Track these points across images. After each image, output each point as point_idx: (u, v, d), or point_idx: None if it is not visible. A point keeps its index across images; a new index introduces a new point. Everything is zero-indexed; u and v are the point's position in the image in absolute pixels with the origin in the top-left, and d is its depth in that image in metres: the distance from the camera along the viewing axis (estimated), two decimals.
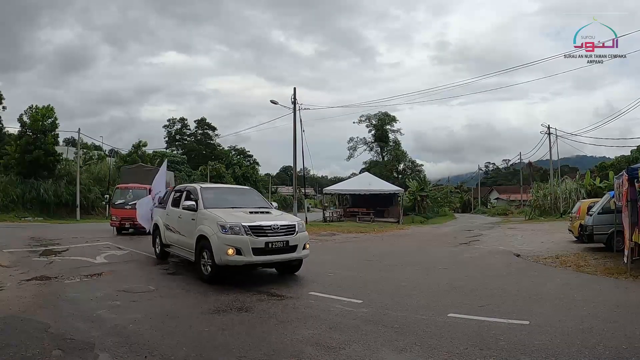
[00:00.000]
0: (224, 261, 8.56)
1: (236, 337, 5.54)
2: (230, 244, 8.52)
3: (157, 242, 12.28)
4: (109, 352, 4.88)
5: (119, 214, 21.60)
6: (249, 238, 8.59)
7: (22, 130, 38.88)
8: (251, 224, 8.78)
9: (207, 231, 8.92)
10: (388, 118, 72.25)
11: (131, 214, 19.61)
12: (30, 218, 33.74)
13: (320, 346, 5.16)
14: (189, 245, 9.75)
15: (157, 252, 12.34)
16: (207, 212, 9.42)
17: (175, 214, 10.92)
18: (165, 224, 11.49)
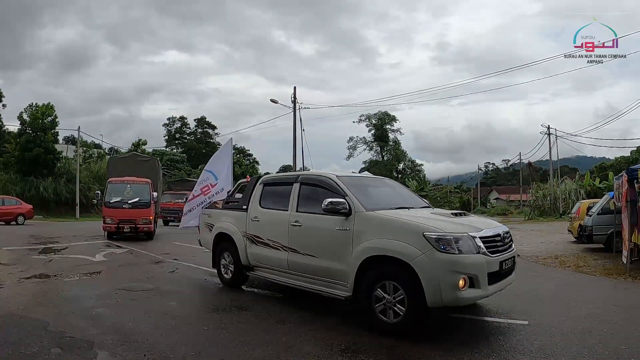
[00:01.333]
0: (448, 300, 5.18)
1: (235, 336, 5.53)
2: (461, 271, 5.12)
3: (225, 261, 8.54)
4: (108, 350, 4.88)
5: (116, 215, 17.44)
6: (485, 258, 5.34)
7: (22, 128, 38.94)
8: (481, 235, 5.53)
9: (401, 250, 5.37)
10: (388, 118, 72.29)
11: (131, 215, 17.44)
12: None
13: (322, 345, 5.16)
14: (331, 272, 6.26)
15: (225, 277, 8.54)
16: (380, 217, 5.91)
17: (278, 219, 7.21)
18: (251, 234, 7.80)
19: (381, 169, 64.48)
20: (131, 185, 18.61)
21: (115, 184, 18.62)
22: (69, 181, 39.67)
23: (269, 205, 7.69)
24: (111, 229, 17.47)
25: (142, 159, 25.76)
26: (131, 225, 17.46)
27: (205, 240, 9.21)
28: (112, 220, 17.37)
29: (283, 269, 7.13)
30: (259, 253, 7.64)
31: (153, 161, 25.19)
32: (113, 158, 26.53)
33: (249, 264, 7.95)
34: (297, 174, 7.77)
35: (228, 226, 8.40)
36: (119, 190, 18.26)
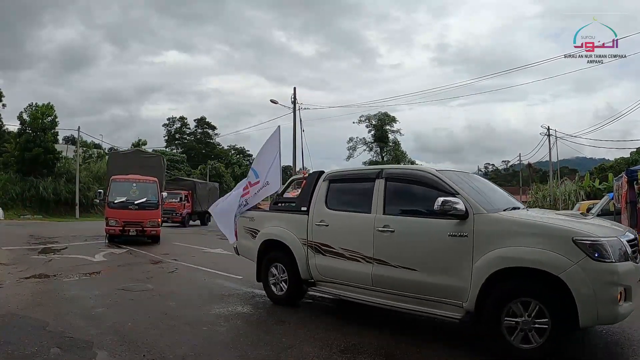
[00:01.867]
0: (604, 318, 4.38)
1: (235, 336, 5.53)
2: (618, 282, 4.29)
3: (275, 273, 7.15)
4: (107, 351, 4.88)
5: (120, 217, 15.92)
6: (635, 265, 4.56)
7: (21, 128, 38.92)
8: (626, 238, 4.70)
9: (545, 259, 4.42)
10: (388, 118, 72.24)
11: (138, 217, 16.02)
12: (29, 216, 33.78)
13: (322, 346, 5.16)
14: (439, 289, 5.17)
15: (275, 292, 7.17)
16: (509, 219, 5.00)
17: (357, 224, 5.98)
18: (315, 242, 6.41)
19: None
20: (137, 184, 16.93)
21: (120, 183, 16.78)
22: (69, 181, 39.65)
23: (339, 207, 6.41)
24: (115, 231, 15.93)
25: (147, 155, 22.72)
26: (137, 228, 15.97)
27: (246, 248, 7.80)
28: (116, 222, 15.83)
29: (364, 284, 5.84)
30: (328, 265, 6.27)
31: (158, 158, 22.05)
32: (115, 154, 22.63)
33: (310, 278, 6.58)
34: (379, 168, 6.39)
35: (280, 232, 7.01)
36: (123, 190, 16.59)
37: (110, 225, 16.04)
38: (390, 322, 6.27)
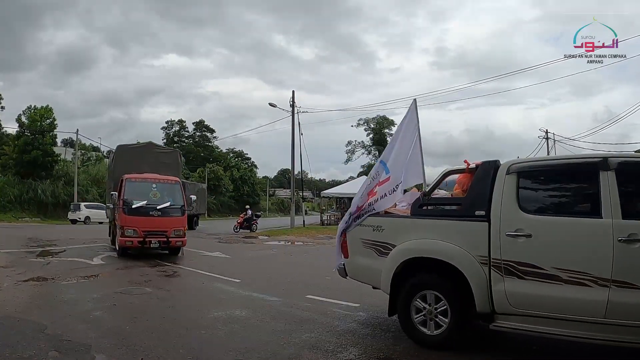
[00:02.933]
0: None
1: (234, 339, 5.52)
2: None
3: (423, 305, 5.20)
4: (106, 354, 4.87)
5: (140, 225, 12.85)
6: None
7: (20, 130, 38.88)
8: None
9: None
10: (386, 122, 72.34)
11: (162, 225, 13.13)
12: (27, 218, 33.75)
13: (318, 349, 5.15)
14: None
15: (425, 331, 5.19)
16: None
17: (581, 233, 4.48)
18: (508, 261, 4.65)
19: None
20: (157, 184, 13.82)
21: (136, 183, 13.56)
22: (67, 184, 39.61)
23: (546, 210, 4.83)
24: (133, 243, 12.80)
25: (161, 150, 17.93)
26: (161, 239, 13.06)
27: (366, 269, 5.84)
28: (135, 232, 12.73)
29: (590, 316, 4.28)
30: (529, 293, 4.53)
31: (175, 154, 17.60)
32: (123, 147, 17.01)
33: (492, 311, 4.76)
34: (600, 156, 4.68)
35: (438, 247, 5.10)
36: (140, 191, 13.41)
37: (127, 236, 12.76)
38: (388, 326, 6.26)
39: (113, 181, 15.33)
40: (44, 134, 38.47)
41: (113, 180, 15.42)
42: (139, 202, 13.03)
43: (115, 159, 16.52)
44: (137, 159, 15.58)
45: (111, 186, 15.86)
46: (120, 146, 16.67)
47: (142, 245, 12.94)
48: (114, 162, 16.43)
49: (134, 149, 16.98)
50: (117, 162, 16.09)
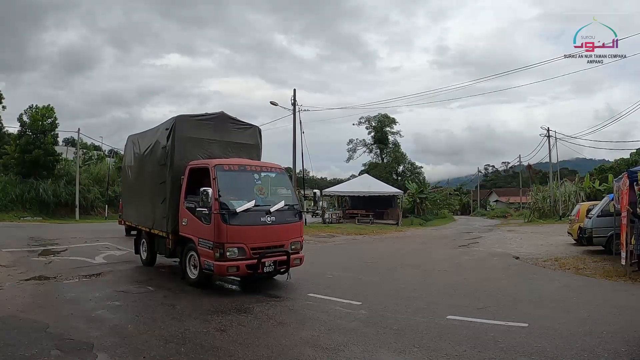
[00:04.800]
0: None
1: (235, 338, 5.53)
2: None
3: None
4: (108, 353, 4.88)
5: (249, 240, 8.32)
6: None
7: (21, 130, 38.84)
8: None
9: None
10: (388, 120, 72.21)
11: (276, 237, 8.73)
12: (29, 218, 33.70)
13: (319, 348, 5.16)
14: None
15: None
16: None
17: None
18: None
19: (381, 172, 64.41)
20: (260, 174, 9.39)
21: (231, 174, 8.81)
22: (69, 183, 39.53)
23: None
24: (240, 269, 8.11)
25: (237, 125, 11.12)
26: (279, 257, 8.60)
27: None
28: (242, 251, 8.14)
29: None
30: None
31: (255, 132, 11.53)
32: (184, 118, 10.34)
33: None
34: None
35: None
36: (237, 187, 8.86)
37: (229, 259, 7.99)
38: (391, 323, 6.27)
39: (171, 173, 9.55)
40: (46, 134, 38.40)
41: (169, 169, 9.65)
42: (245, 204, 8.37)
43: (175, 136, 9.76)
44: (206, 137, 10.17)
45: (159, 180, 10.04)
46: (181, 117, 10.04)
47: (252, 272, 8.22)
48: (172, 141, 9.73)
49: (202, 122, 10.36)
50: (178, 141, 9.73)
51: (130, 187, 12.52)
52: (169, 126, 9.80)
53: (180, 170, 9.40)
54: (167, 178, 9.66)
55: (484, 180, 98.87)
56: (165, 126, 10.08)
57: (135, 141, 12.29)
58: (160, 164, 10.09)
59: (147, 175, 10.92)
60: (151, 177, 10.62)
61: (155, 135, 10.70)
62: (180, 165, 9.46)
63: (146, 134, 11.71)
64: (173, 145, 9.64)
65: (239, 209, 8.26)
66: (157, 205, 10.04)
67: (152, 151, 10.72)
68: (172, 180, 9.47)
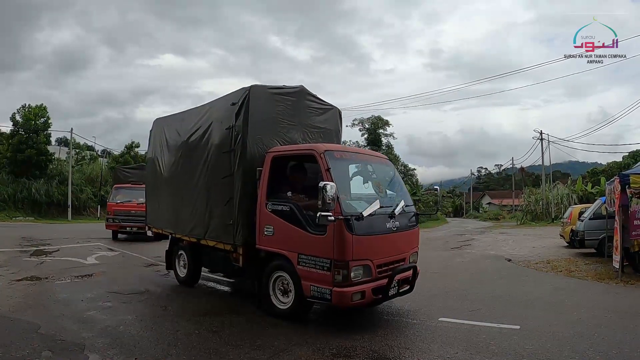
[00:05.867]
0: None
1: (228, 339, 5.52)
2: None
3: None
4: (99, 354, 4.86)
5: (375, 254, 6.09)
6: None
7: (14, 129, 38.63)
8: None
9: None
10: (381, 122, 72.31)
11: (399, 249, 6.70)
12: (21, 218, 33.51)
13: (314, 349, 5.16)
14: None
15: None
16: None
17: None
18: None
19: None
20: (372, 165, 7.50)
21: (341, 163, 6.65)
22: (61, 183, 39.37)
23: None
24: (365, 295, 5.88)
25: (316, 104, 8.44)
26: (405, 274, 6.63)
27: None
28: (367, 269, 5.98)
29: None
30: None
31: (335, 115, 9.03)
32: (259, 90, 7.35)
33: None
34: None
35: None
36: (349, 183, 7.08)
37: (354, 282, 5.81)
38: (382, 325, 6.29)
39: (242, 164, 7.00)
40: (38, 133, 38.23)
41: (238, 158, 7.09)
42: (370, 207, 6.14)
43: (249, 112, 7.13)
44: (283, 116, 7.65)
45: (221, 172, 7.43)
46: (257, 87, 7.36)
47: (382, 297, 6.15)
48: (245, 120, 7.11)
49: (280, 97, 7.69)
50: (253, 119, 7.13)
51: (163, 183, 9.71)
52: (239, 99, 7.24)
53: (255, 160, 6.98)
54: (236, 170, 7.09)
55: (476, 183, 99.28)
56: (232, 99, 7.48)
57: (169, 124, 9.81)
58: (222, 152, 7.45)
59: (197, 168, 8.23)
60: (205, 169, 8.00)
61: (209, 114, 8.29)
62: (255, 153, 7.03)
63: (189, 113, 9.31)
64: (246, 124, 7.02)
65: (365, 212, 6.00)
66: (216, 207, 7.57)
67: (205, 135, 8.16)
68: (244, 173, 6.95)
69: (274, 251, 6.48)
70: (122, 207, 18.89)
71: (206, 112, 8.39)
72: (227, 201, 7.20)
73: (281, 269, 6.45)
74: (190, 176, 8.44)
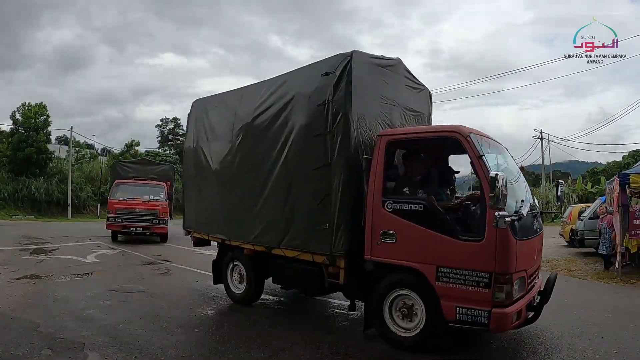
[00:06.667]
0: None
1: (227, 338, 5.52)
2: None
3: None
4: (99, 352, 4.86)
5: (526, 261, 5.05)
6: None
7: (14, 127, 38.62)
8: None
9: None
10: None
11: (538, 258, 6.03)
12: (21, 216, 33.50)
13: (313, 348, 5.16)
14: None
15: None
16: None
17: None
18: None
19: None
20: (503, 154, 6.07)
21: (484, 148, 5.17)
22: (61, 181, 39.34)
23: None
24: (521, 314, 4.87)
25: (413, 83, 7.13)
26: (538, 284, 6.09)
27: None
28: (522, 282, 4.98)
29: None
30: None
31: (426, 95, 7.68)
32: (360, 55, 5.82)
33: None
34: None
35: None
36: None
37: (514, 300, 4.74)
38: None
39: (345, 151, 5.51)
40: (38, 132, 38.22)
41: (339, 143, 5.57)
42: (524, 204, 5.47)
43: (352, 84, 5.58)
44: (384, 93, 6.28)
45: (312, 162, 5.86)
46: (359, 54, 5.83)
47: (533, 316, 5.24)
48: (347, 93, 5.56)
49: (381, 70, 6.28)
50: (357, 92, 5.63)
51: (211, 177, 7.81)
52: (337, 68, 5.67)
53: (360, 146, 5.60)
54: (335, 159, 5.54)
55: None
56: (323, 68, 5.89)
57: (218, 105, 8.01)
58: (312, 135, 5.83)
59: (267, 157, 6.50)
60: (282, 158, 6.29)
61: (286, 88, 6.56)
62: (359, 137, 5.62)
63: (250, 90, 7.44)
64: (349, 99, 5.51)
65: (523, 211, 5.19)
66: (303, 206, 6.01)
67: (282, 114, 6.43)
68: (347, 163, 5.46)
69: (397, 263, 5.11)
70: (125, 205, 16.93)
71: (281, 86, 6.68)
72: (321, 199, 5.64)
73: (404, 285, 5.13)
74: (255, 168, 6.72)
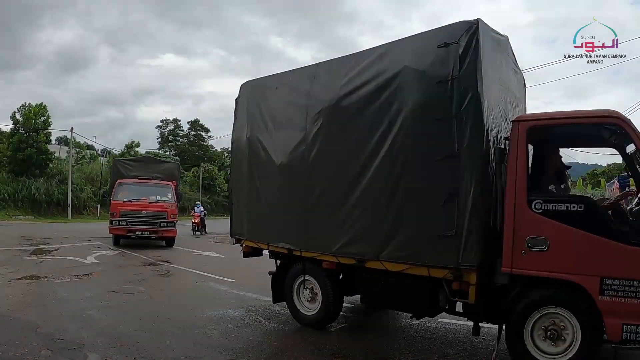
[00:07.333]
0: None
1: (227, 340, 5.52)
2: None
3: None
4: (99, 353, 4.86)
5: None
6: None
7: (14, 128, 38.64)
8: None
9: None
10: None
11: None
12: (21, 216, 33.50)
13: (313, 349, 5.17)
14: None
15: None
16: None
17: None
18: None
19: None
20: None
21: None
22: (61, 182, 39.35)
23: None
24: None
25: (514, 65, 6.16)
26: None
27: None
28: None
29: None
30: None
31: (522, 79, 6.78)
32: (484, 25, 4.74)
33: None
34: None
35: None
36: None
37: None
38: (382, 325, 6.29)
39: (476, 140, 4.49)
40: (38, 132, 38.24)
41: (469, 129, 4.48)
42: None
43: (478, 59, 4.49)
44: (502, 74, 5.44)
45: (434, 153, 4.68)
46: (484, 24, 4.72)
47: None
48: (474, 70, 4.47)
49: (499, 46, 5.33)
50: (485, 71, 4.56)
51: (273, 174, 6.42)
52: (459, 38, 4.61)
53: (490, 133, 4.68)
54: (465, 149, 4.49)
55: None
56: (439, 38, 4.81)
57: (279, 87, 6.70)
58: (432, 119, 4.70)
59: (363, 146, 5.29)
60: (386, 148, 5.07)
61: (389, 61, 5.25)
62: (489, 123, 4.67)
63: (328, 66, 6.12)
64: (479, 75, 4.49)
65: None
66: (417, 208, 4.88)
67: (383, 94, 5.18)
68: (480, 154, 4.52)
69: (548, 275, 4.27)
70: (131, 207, 15.78)
71: (378, 59, 5.38)
72: (445, 199, 4.59)
73: (554, 302, 4.30)
74: (342, 161, 5.53)
